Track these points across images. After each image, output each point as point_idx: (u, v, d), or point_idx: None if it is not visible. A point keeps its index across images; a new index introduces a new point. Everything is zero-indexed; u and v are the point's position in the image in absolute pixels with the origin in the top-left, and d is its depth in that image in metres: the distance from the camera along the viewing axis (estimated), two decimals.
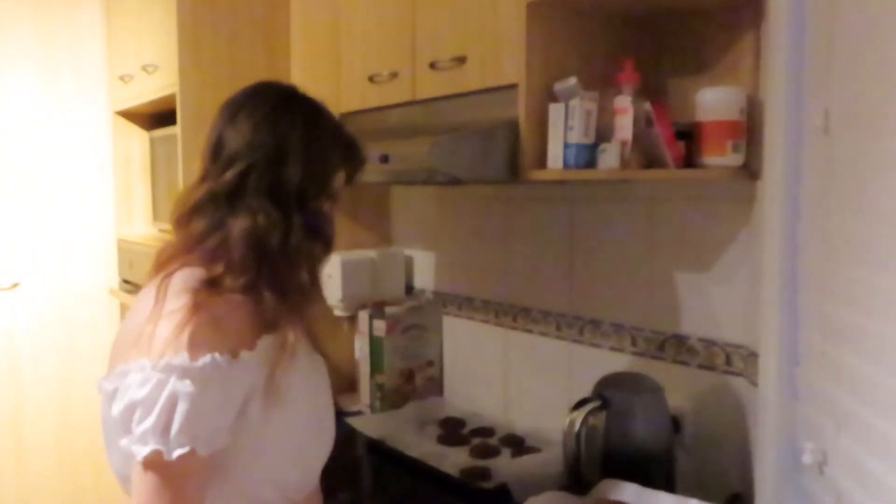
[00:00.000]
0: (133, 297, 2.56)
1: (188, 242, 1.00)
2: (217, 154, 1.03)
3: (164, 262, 1.00)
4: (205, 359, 0.87)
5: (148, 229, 2.83)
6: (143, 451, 0.85)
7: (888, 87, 0.89)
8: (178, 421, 0.84)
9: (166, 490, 0.86)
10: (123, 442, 0.87)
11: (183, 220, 1.02)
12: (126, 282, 2.77)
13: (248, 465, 0.95)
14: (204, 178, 1.03)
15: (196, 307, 0.90)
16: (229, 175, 0.99)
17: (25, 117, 2.73)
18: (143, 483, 0.87)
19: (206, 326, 0.89)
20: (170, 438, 0.84)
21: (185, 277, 0.95)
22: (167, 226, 2.56)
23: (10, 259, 2.73)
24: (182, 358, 0.86)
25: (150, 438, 0.85)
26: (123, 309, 2.79)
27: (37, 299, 2.78)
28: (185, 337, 0.87)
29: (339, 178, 1.08)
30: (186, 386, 0.85)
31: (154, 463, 0.85)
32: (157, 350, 0.88)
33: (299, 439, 1.01)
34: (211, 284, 0.93)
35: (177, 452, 0.84)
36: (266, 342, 0.94)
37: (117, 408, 0.88)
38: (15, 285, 2.75)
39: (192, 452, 0.85)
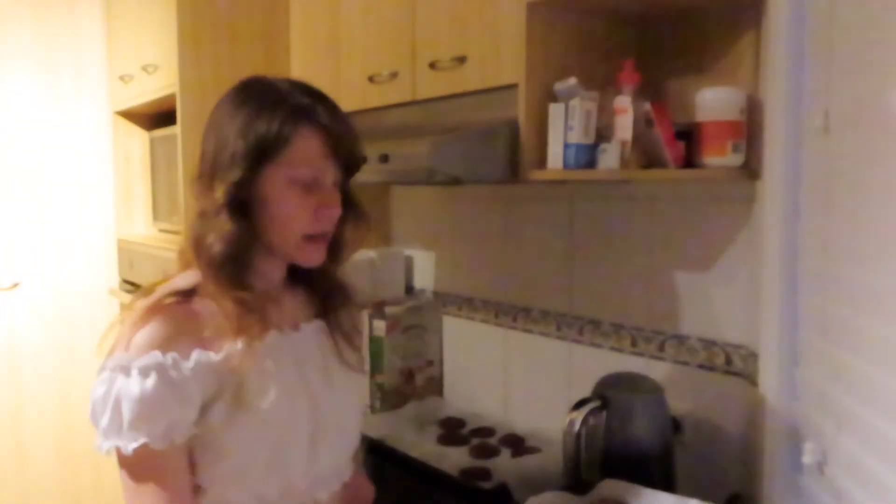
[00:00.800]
0: (133, 297, 2.57)
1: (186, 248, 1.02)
2: None
3: (179, 267, 1.02)
4: (145, 357, 0.89)
5: (148, 229, 2.83)
6: (106, 446, 0.89)
7: (888, 87, 0.89)
8: (126, 416, 0.87)
9: (142, 482, 0.90)
10: (94, 440, 0.91)
11: None
12: (126, 282, 2.77)
13: (211, 466, 0.95)
14: None
15: (152, 310, 0.92)
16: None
17: (25, 117, 2.73)
18: (121, 477, 0.91)
19: (156, 328, 0.91)
20: (122, 433, 0.88)
21: (171, 283, 0.98)
22: (167, 225, 2.57)
23: (10, 259, 2.73)
24: (122, 357, 0.89)
25: (110, 435, 0.88)
26: (124, 309, 2.79)
27: (37, 299, 2.78)
28: (132, 337, 0.91)
29: (278, 166, 0.95)
30: (129, 383, 0.88)
31: (120, 459, 0.90)
32: (113, 349, 0.92)
33: (273, 445, 0.98)
34: (186, 293, 0.95)
35: (131, 446, 0.87)
36: (235, 346, 0.93)
37: (89, 408, 0.91)
38: (15, 285, 2.75)
39: (146, 446, 0.87)
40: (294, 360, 1.03)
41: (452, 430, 1.85)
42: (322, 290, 1.11)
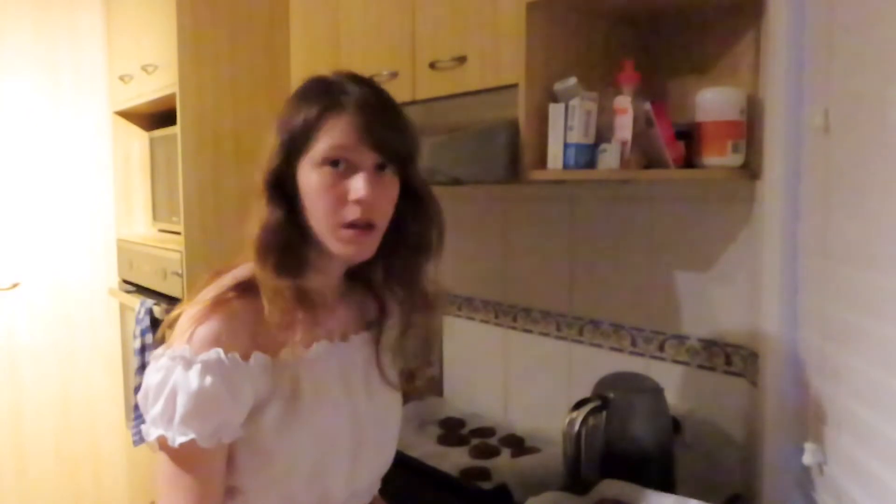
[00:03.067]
0: (132, 297, 2.57)
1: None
2: None
3: (240, 257, 1.00)
4: (208, 354, 0.88)
5: (148, 229, 2.83)
6: (153, 434, 0.89)
7: (888, 86, 0.89)
8: (180, 410, 0.87)
9: (180, 472, 0.90)
10: (143, 425, 0.91)
11: None
12: (126, 282, 2.77)
13: (255, 468, 0.94)
14: None
15: (216, 304, 0.92)
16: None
17: (25, 117, 2.73)
18: (160, 464, 0.91)
19: (219, 324, 0.90)
20: (173, 426, 0.87)
21: (233, 273, 0.97)
22: (167, 225, 2.57)
23: (10, 259, 2.73)
24: (187, 350, 0.89)
25: (159, 424, 0.88)
26: (123, 309, 2.79)
27: (37, 299, 2.78)
28: (194, 330, 0.90)
29: (310, 149, 0.94)
30: (187, 377, 0.87)
31: (164, 447, 0.89)
32: (172, 340, 0.91)
33: (317, 461, 0.98)
34: (245, 286, 0.94)
35: (179, 440, 0.87)
36: (291, 352, 0.94)
37: (140, 392, 0.91)
38: (15, 285, 2.75)
39: (193, 442, 0.87)
40: (340, 372, 1.03)
41: (452, 430, 1.85)
42: (381, 295, 1.09)
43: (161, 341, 0.95)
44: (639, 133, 1.31)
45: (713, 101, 1.32)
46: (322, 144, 0.93)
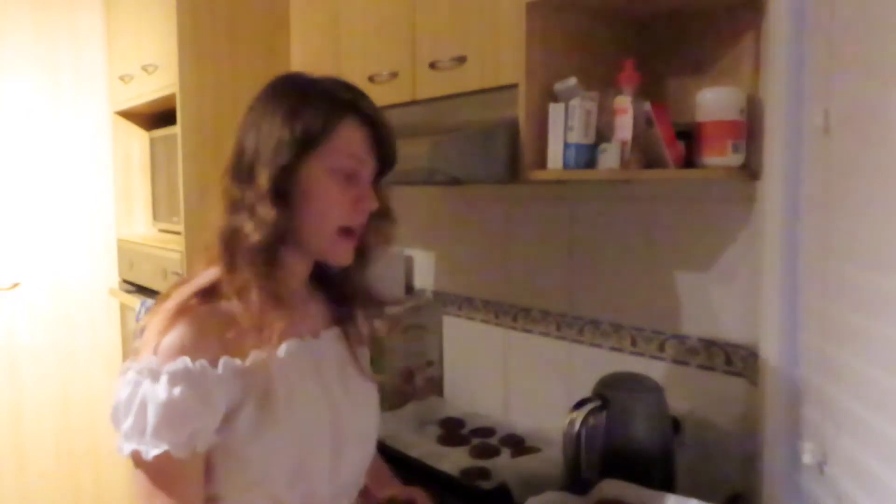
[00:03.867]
0: (132, 297, 2.57)
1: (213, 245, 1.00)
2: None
3: (203, 264, 1.01)
4: (175, 364, 0.88)
5: (148, 229, 2.83)
6: (126, 448, 0.88)
7: (888, 87, 0.89)
8: (151, 423, 0.86)
9: (153, 487, 0.89)
10: (115, 441, 0.90)
11: None
12: (126, 282, 2.78)
13: (234, 473, 0.94)
14: None
15: (179, 312, 0.91)
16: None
17: (25, 117, 2.73)
18: (136, 479, 0.91)
19: (182, 332, 0.90)
20: (146, 439, 0.87)
21: (194, 282, 0.97)
22: (167, 225, 2.57)
23: (10, 259, 2.73)
24: (153, 361, 0.88)
25: (132, 438, 0.88)
26: (123, 309, 2.79)
27: (37, 299, 2.78)
28: (158, 341, 0.89)
29: (320, 155, 0.95)
30: (156, 389, 0.87)
31: (138, 461, 0.89)
32: (139, 350, 0.91)
33: (299, 458, 0.98)
34: (208, 292, 0.94)
35: (152, 453, 0.86)
36: (261, 354, 0.93)
37: (111, 408, 0.91)
38: (15, 285, 2.75)
39: (167, 454, 0.87)
40: (314, 369, 1.02)
41: (452, 430, 1.85)
42: (344, 295, 1.10)
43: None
44: (639, 133, 1.31)
45: (713, 101, 1.31)
46: (340, 151, 0.96)
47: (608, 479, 1.30)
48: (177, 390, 0.87)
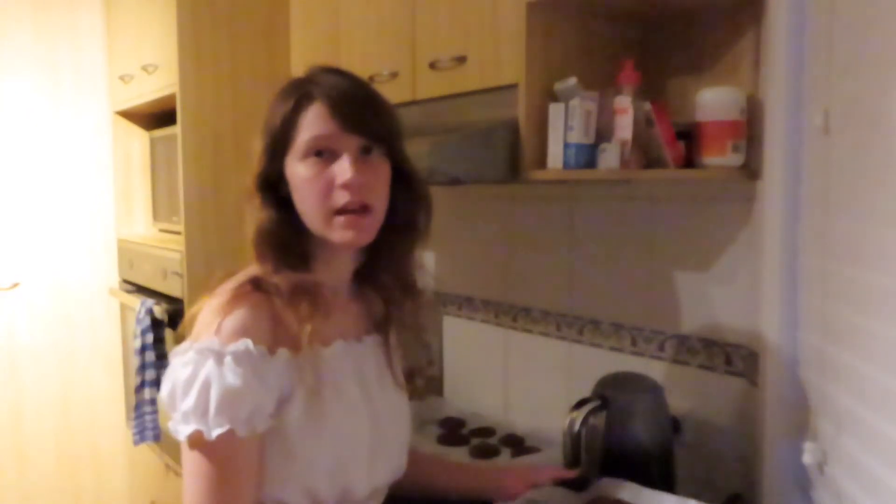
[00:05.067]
0: (132, 297, 2.57)
1: None
2: None
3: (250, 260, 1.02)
4: (237, 345, 0.89)
5: (148, 229, 2.83)
6: (185, 430, 0.88)
7: (888, 87, 0.89)
8: (214, 402, 0.86)
9: (211, 469, 0.89)
10: (170, 423, 0.90)
11: None
12: (126, 282, 2.78)
13: (277, 464, 0.94)
14: None
15: (238, 296, 0.92)
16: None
17: (25, 117, 2.73)
18: (189, 462, 0.90)
19: (242, 315, 0.91)
20: (208, 419, 0.86)
21: (246, 271, 0.98)
22: (167, 225, 2.57)
23: (10, 259, 2.73)
24: (216, 342, 0.89)
25: (191, 418, 0.87)
26: (123, 309, 2.79)
27: (37, 299, 2.78)
28: (221, 322, 0.90)
29: (294, 139, 0.96)
30: (221, 369, 0.87)
31: (197, 442, 0.88)
32: (196, 333, 0.92)
33: (339, 457, 0.98)
34: (258, 283, 0.95)
35: (216, 432, 0.86)
36: (313, 350, 0.94)
37: (165, 389, 0.90)
38: (15, 285, 2.75)
39: (230, 432, 0.87)
40: (357, 371, 1.04)
41: (452, 430, 1.85)
42: (387, 289, 1.09)
43: (181, 339, 0.95)
44: (639, 133, 1.31)
45: (713, 101, 1.31)
46: (302, 137, 0.95)
47: (606, 478, 1.30)
48: (240, 371, 0.87)
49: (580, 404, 1.35)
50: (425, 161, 1.41)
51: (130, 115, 2.79)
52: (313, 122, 0.95)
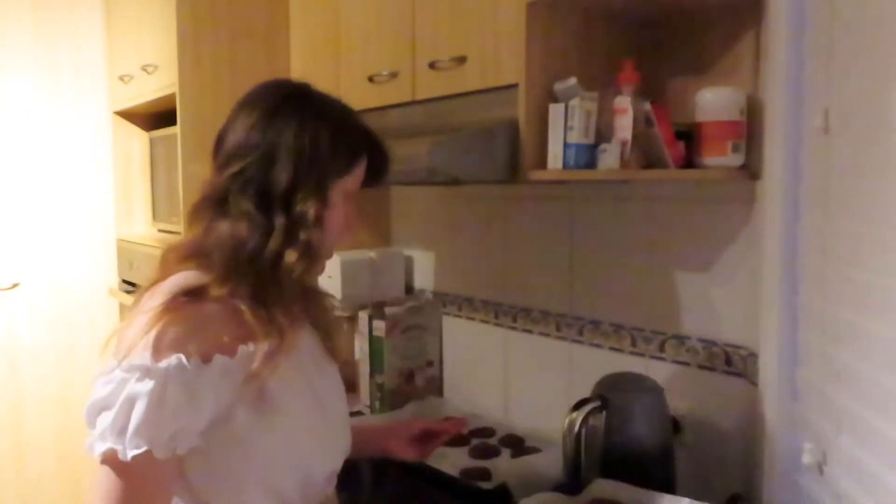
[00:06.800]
0: (132, 297, 2.57)
1: (188, 247, 1.00)
2: (216, 155, 1.03)
3: (166, 267, 1.00)
4: (168, 360, 0.86)
5: (148, 229, 2.83)
6: (99, 448, 0.85)
7: (888, 87, 0.89)
8: (135, 421, 0.83)
9: (121, 490, 0.85)
10: (87, 440, 0.87)
11: (187, 222, 1.02)
12: (126, 282, 2.77)
13: (235, 470, 0.94)
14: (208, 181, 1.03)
15: (167, 309, 0.89)
16: (222, 178, 0.98)
17: (25, 117, 2.73)
18: (99, 481, 0.86)
19: (175, 329, 0.88)
20: (126, 438, 0.84)
21: (174, 281, 0.95)
22: (167, 226, 2.57)
23: (10, 259, 2.73)
24: (144, 358, 0.85)
25: (108, 437, 0.84)
26: (123, 309, 2.79)
27: (37, 299, 2.78)
28: (150, 338, 0.86)
29: (344, 185, 1.03)
30: (145, 386, 0.84)
31: (111, 461, 0.85)
32: (123, 350, 0.88)
33: (296, 447, 0.99)
34: (194, 292, 0.92)
35: (132, 453, 0.83)
36: (249, 350, 0.92)
37: (85, 406, 0.88)
38: (15, 285, 2.75)
39: (147, 454, 0.84)
40: (295, 361, 1.02)
41: None
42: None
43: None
44: (639, 133, 1.31)
45: (713, 101, 1.32)
46: (356, 180, 1.05)
47: (601, 479, 1.30)
48: (170, 387, 0.85)
49: (580, 405, 1.35)
50: (425, 161, 1.41)
51: (130, 115, 2.79)
52: (360, 175, 1.06)
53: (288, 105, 1.01)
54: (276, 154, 0.98)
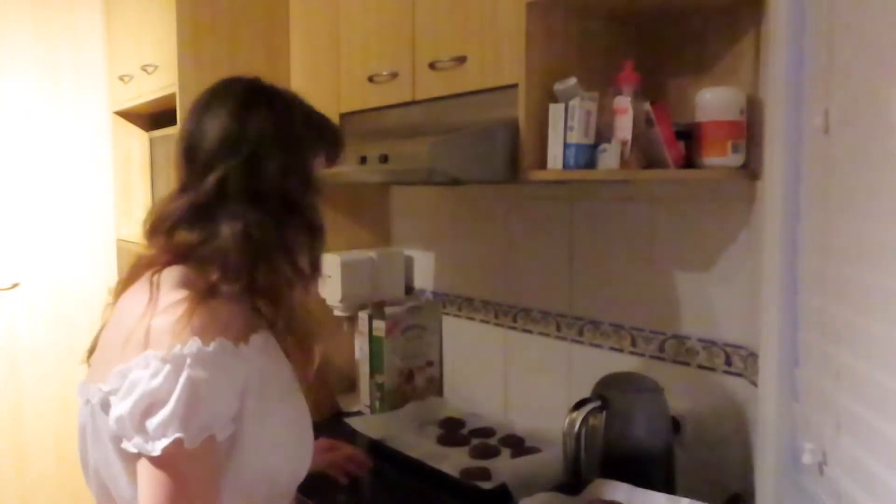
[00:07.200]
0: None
1: (176, 252, 0.99)
2: (192, 160, 1.02)
3: (139, 271, 1.02)
4: (215, 344, 0.88)
5: None
6: (160, 443, 0.84)
7: (888, 87, 0.89)
8: (200, 407, 0.85)
9: (181, 483, 0.86)
10: (132, 441, 0.86)
11: (163, 231, 1.00)
12: None
13: (245, 459, 0.95)
14: (183, 188, 1.01)
15: (196, 300, 0.91)
16: (209, 183, 0.98)
17: (25, 117, 2.73)
18: (156, 480, 0.85)
19: (208, 316, 0.90)
20: (191, 425, 0.85)
21: (178, 275, 0.96)
22: None
23: (10, 259, 2.73)
24: (193, 345, 0.87)
25: (170, 428, 0.84)
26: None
27: (37, 299, 2.78)
28: (192, 325, 0.88)
29: (319, 163, 1.07)
30: (201, 372, 0.86)
31: (174, 454, 0.85)
32: (162, 342, 0.87)
33: (291, 437, 1.02)
34: (207, 291, 0.93)
35: (199, 438, 0.85)
36: (259, 339, 0.96)
37: (124, 406, 0.86)
38: (15, 285, 2.75)
39: (211, 438, 0.87)
40: (284, 364, 1.05)
41: (452, 431, 1.85)
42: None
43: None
44: (639, 133, 1.31)
45: (713, 101, 1.32)
46: (322, 163, 1.08)
47: (600, 479, 1.30)
48: (219, 371, 0.88)
49: (580, 405, 1.35)
50: (425, 161, 1.41)
51: (130, 115, 2.79)
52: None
53: (255, 97, 1.03)
54: (259, 150, 0.99)
